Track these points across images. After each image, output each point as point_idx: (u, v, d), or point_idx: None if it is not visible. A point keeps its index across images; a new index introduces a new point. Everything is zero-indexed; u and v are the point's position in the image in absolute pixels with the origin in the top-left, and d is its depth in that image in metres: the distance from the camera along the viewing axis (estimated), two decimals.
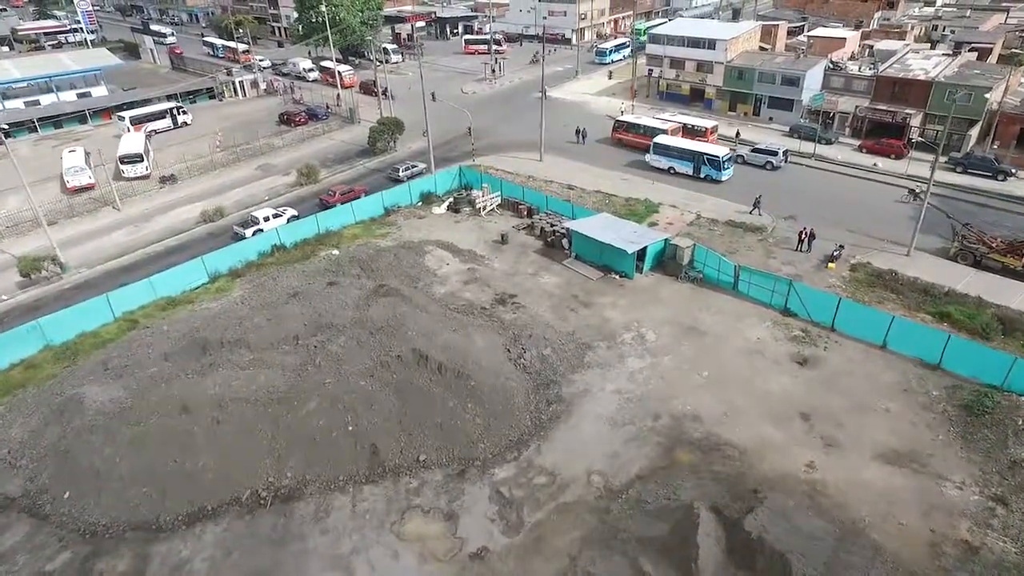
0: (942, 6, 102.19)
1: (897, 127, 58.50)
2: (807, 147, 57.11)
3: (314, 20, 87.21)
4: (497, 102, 75.78)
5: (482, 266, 40.50)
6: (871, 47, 71.69)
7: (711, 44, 66.76)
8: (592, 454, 26.52)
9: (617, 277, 38.53)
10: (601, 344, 32.88)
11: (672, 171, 53.44)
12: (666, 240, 39.01)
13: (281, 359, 29.12)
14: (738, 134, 61.34)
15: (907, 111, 57.90)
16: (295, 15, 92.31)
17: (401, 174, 54.77)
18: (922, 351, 30.91)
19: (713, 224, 45.21)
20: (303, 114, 69.53)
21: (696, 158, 52.22)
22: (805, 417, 28.25)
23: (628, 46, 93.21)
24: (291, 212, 48.54)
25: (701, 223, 45.23)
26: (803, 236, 41.15)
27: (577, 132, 61.46)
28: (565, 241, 41.50)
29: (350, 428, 26.48)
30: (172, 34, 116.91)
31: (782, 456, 26.24)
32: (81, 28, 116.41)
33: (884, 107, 59.12)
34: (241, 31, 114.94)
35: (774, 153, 55.05)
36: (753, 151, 56.33)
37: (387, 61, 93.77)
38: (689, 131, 59.84)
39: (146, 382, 28.57)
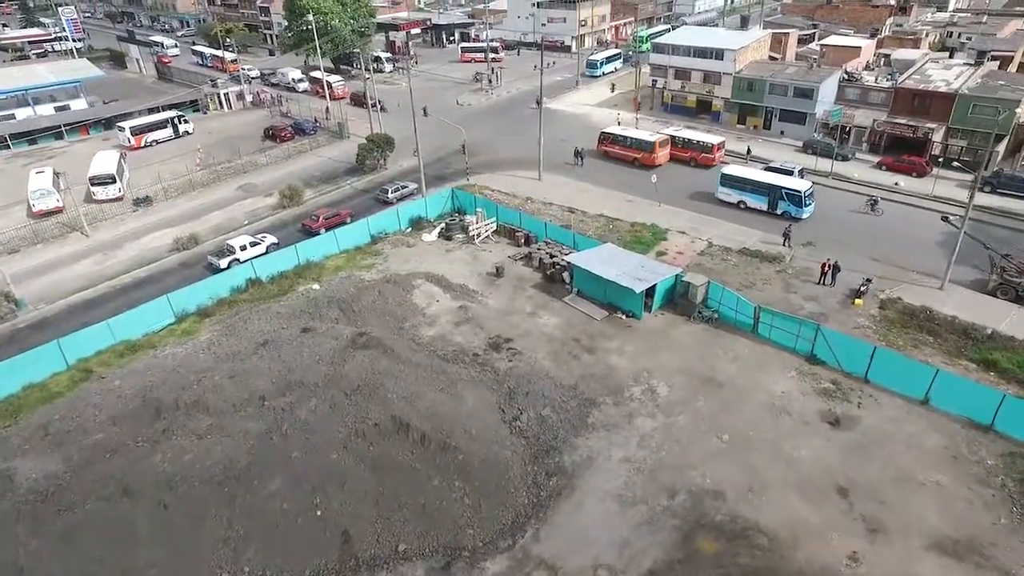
0: (955, 11, 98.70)
1: (918, 143, 54.98)
2: (822, 164, 53.55)
3: (303, 29, 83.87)
4: (494, 114, 72.30)
5: (475, 303, 36.93)
6: (887, 56, 68.19)
7: (719, 54, 63.26)
8: (599, 542, 22.91)
9: (624, 317, 34.95)
10: (607, 400, 29.27)
11: (743, 206, 47.67)
12: (677, 275, 35.42)
13: (243, 425, 25.56)
14: (749, 151, 57.81)
15: (928, 125, 54.39)
16: (286, 23, 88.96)
17: (390, 195, 51.25)
18: (971, 409, 27.31)
19: (726, 253, 41.64)
20: (289, 129, 66.03)
21: (772, 192, 46.45)
22: (843, 492, 24.64)
23: (621, 57, 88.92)
24: (270, 239, 45.03)
25: (713, 252, 41.64)
26: (826, 268, 37.59)
27: (576, 154, 57.10)
28: (566, 275, 37.97)
29: (318, 512, 22.90)
30: (175, 45, 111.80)
31: (820, 544, 22.63)
32: (67, 36, 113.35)
33: (904, 121, 55.60)
34: (230, 39, 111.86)
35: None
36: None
37: (380, 70, 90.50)
38: (692, 146, 56.65)
39: (88, 452, 25.02)
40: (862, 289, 36.25)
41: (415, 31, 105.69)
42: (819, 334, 30.92)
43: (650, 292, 34.66)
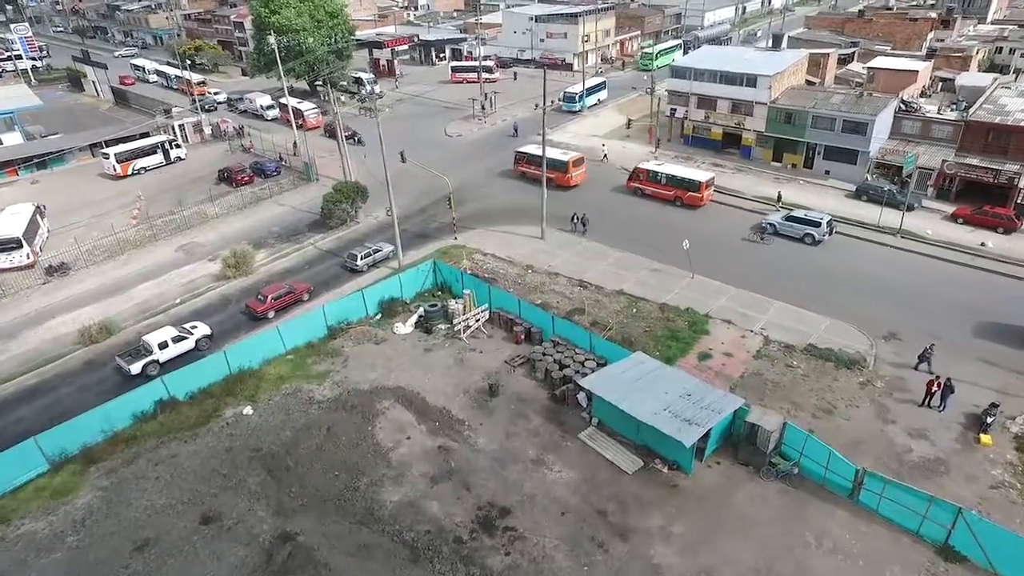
0: (997, 23, 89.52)
1: (998, 189, 45.56)
2: (873, 213, 43.84)
3: (271, 49, 74.33)
4: (487, 148, 62.70)
5: (460, 442, 27.16)
6: (944, 80, 58.87)
7: (750, 80, 53.77)
8: None
9: (666, 469, 25.22)
10: None
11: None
12: (738, 411, 25.68)
13: None
14: (779, 197, 48.15)
15: (1011, 167, 44.96)
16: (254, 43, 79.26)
17: (359, 262, 41.54)
18: None
19: (788, 353, 31.93)
20: (247, 171, 56.26)
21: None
22: None
23: (605, 86, 75.71)
24: (203, 330, 35.30)
25: (772, 353, 31.91)
26: (934, 388, 27.94)
27: (574, 219, 45.04)
28: (582, 395, 28.25)
29: None
30: (134, 55, 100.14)
31: None
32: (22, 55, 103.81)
33: (981, 162, 46.13)
34: (201, 58, 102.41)
35: (816, 224, 42.27)
36: (788, 219, 43.49)
37: (362, 94, 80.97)
38: (676, 183, 48.23)
39: None
40: (988, 421, 26.59)
41: (401, 48, 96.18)
42: (960, 518, 21.21)
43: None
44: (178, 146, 62.71)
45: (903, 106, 52.58)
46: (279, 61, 60.58)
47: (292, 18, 73.49)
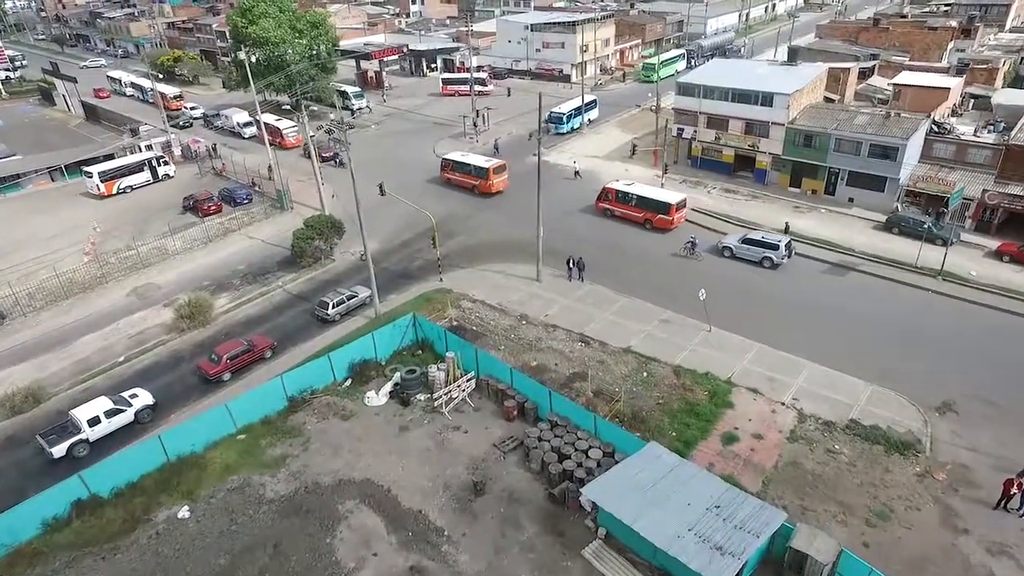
0: (1016, 31, 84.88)
1: None
2: (905, 247, 39.04)
3: (252, 62, 69.57)
4: None
5: (438, 560, 22.19)
6: (975, 97, 54.21)
7: (766, 99, 49.01)
8: None
9: None
10: None
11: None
12: (778, 532, 20.76)
13: None
14: (787, 228, 43.42)
15: None
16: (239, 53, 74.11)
17: (331, 311, 36.64)
18: None
19: (828, 432, 27.07)
20: (215, 199, 51.30)
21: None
22: None
23: (596, 105, 69.65)
24: (144, 400, 30.38)
25: (809, 434, 27.01)
26: (1014, 490, 23.09)
27: (569, 263, 39.78)
28: (585, 499, 23.33)
29: None
30: (131, 84, 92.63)
31: None
32: None
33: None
34: (180, 69, 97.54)
35: (774, 247, 39.64)
36: (745, 241, 40.76)
37: (347, 108, 76.17)
38: (647, 205, 45.22)
39: None
40: None
41: (390, 58, 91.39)
42: None
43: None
44: (166, 163, 59.14)
45: (935, 127, 47.90)
46: (250, 76, 55.62)
47: (270, 29, 68.69)
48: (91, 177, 55.07)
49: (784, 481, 24.70)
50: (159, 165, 58.52)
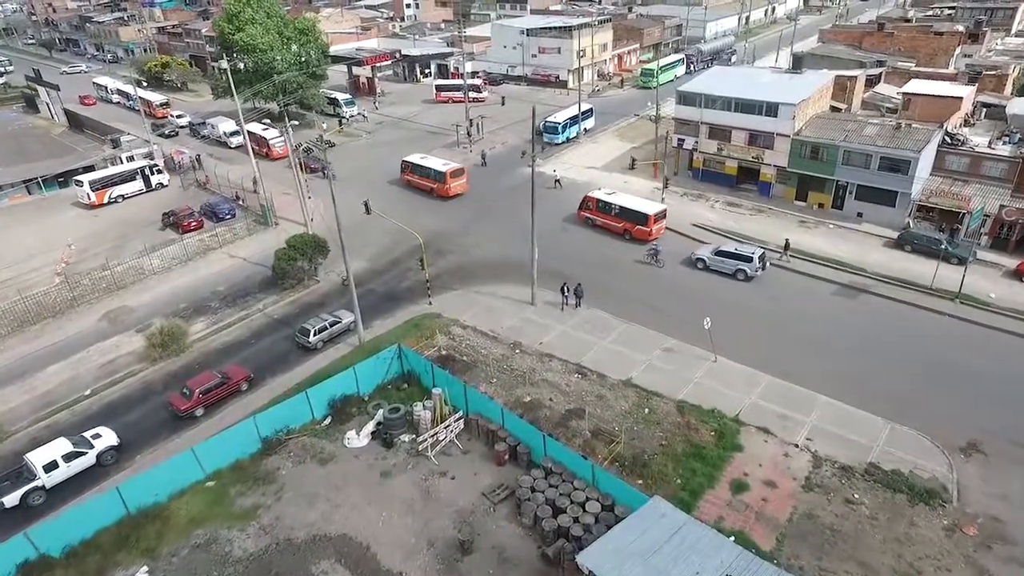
0: (1022, 35, 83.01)
1: None
2: (917, 266, 36.95)
3: (238, 70, 67.41)
4: (472, 182, 55.67)
5: None
6: (987, 106, 52.18)
7: (771, 109, 46.94)
8: None
9: None
10: None
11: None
12: None
13: None
14: (787, 246, 41.20)
15: None
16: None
17: (312, 339, 34.48)
18: None
19: (846, 479, 24.95)
20: (196, 215, 49.11)
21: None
22: None
23: (592, 114, 66.76)
24: (107, 441, 28.23)
25: (825, 480, 24.88)
26: None
27: (564, 290, 36.93)
28: (584, 561, 21.15)
29: None
30: (117, 91, 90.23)
31: None
32: None
33: None
34: (168, 75, 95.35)
35: (747, 259, 38.40)
36: (718, 253, 39.58)
37: (338, 116, 74.09)
38: (626, 215, 43.87)
39: None
40: None
41: (383, 64, 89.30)
42: None
43: None
44: (160, 172, 57.54)
45: (947, 139, 45.88)
46: (232, 85, 53.35)
47: (258, 36, 66.50)
48: (81, 186, 53.45)
49: (800, 537, 22.59)
50: (153, 174, 56.95)
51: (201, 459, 25.85)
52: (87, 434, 28.44)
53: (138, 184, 56.00)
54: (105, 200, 54.24)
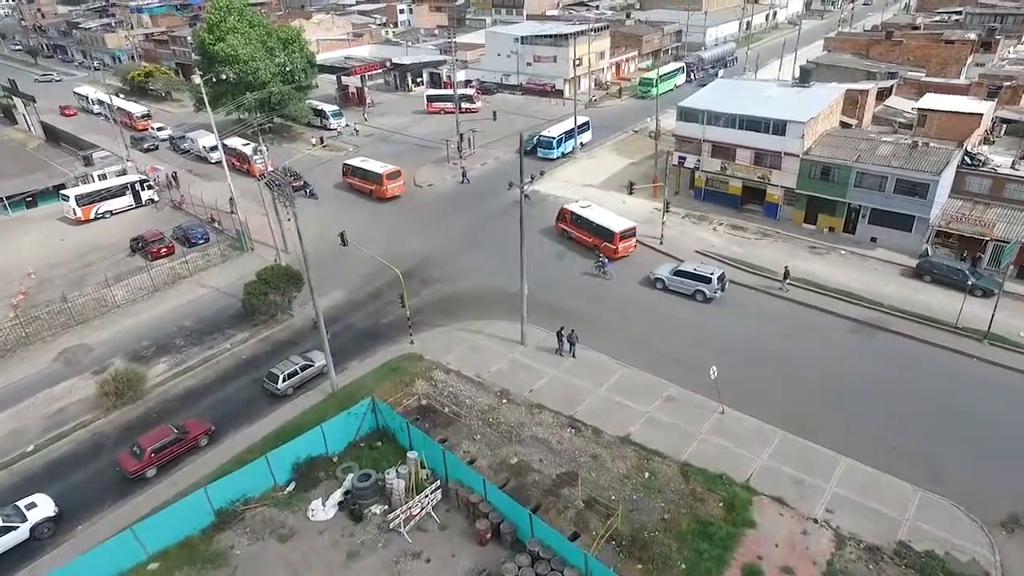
0: None
1: None
2: (939, 298, 34.00)
3: (218, 80, 64.59)
4: (461, 202, 52.85)
5: None
6: (1008, 122, 49.28)
7: (779, 127, 44.05)
8: None
9: None
10: None
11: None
12: None
13: None
14: (787, 275, 38.27)
15: None
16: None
17: (280, 385, 31.50)
18: None
19: (874, 562, 21.97)
20: (166, 241, 46.12)
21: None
22: None
23: (588, 127, 63.80)
24: (43, 511, 25.22)
25: (849, 561, 21.93)
26: None
27: (560, 336, 33.28)
28: None
29: None
30: (97, 101, 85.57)
31: None
32: None
33: None
34: (152, 84, 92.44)
35: (706, 280, 37.32)
36: (676, 274, 38.11)
37: (326, 127, 71.23)
38: (595, 231, 42.94)
39: None
40: None
41: (373, 73, 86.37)
42: None
43: None
44: (150, 187, 55.38)
45: (967, 158, 43.00)
46: (206, 99, 50.49)
47: (239, 46, 63.59)
48: (67, 200, 51.63)
49: None
50: (143, 189, 54.70)
51: (144, 538, 22.84)
52: (21, 503, 25.42)
53: (127, 200, 53.79)
54: (92, 216, 52.16)
